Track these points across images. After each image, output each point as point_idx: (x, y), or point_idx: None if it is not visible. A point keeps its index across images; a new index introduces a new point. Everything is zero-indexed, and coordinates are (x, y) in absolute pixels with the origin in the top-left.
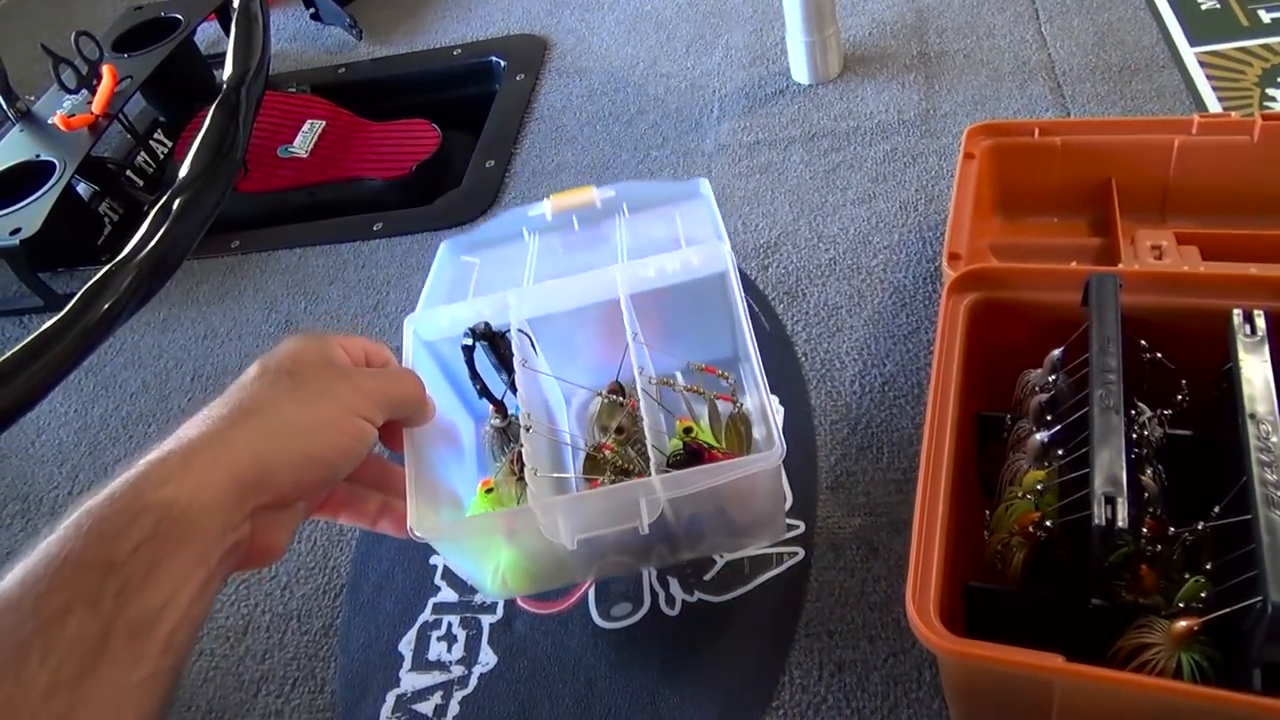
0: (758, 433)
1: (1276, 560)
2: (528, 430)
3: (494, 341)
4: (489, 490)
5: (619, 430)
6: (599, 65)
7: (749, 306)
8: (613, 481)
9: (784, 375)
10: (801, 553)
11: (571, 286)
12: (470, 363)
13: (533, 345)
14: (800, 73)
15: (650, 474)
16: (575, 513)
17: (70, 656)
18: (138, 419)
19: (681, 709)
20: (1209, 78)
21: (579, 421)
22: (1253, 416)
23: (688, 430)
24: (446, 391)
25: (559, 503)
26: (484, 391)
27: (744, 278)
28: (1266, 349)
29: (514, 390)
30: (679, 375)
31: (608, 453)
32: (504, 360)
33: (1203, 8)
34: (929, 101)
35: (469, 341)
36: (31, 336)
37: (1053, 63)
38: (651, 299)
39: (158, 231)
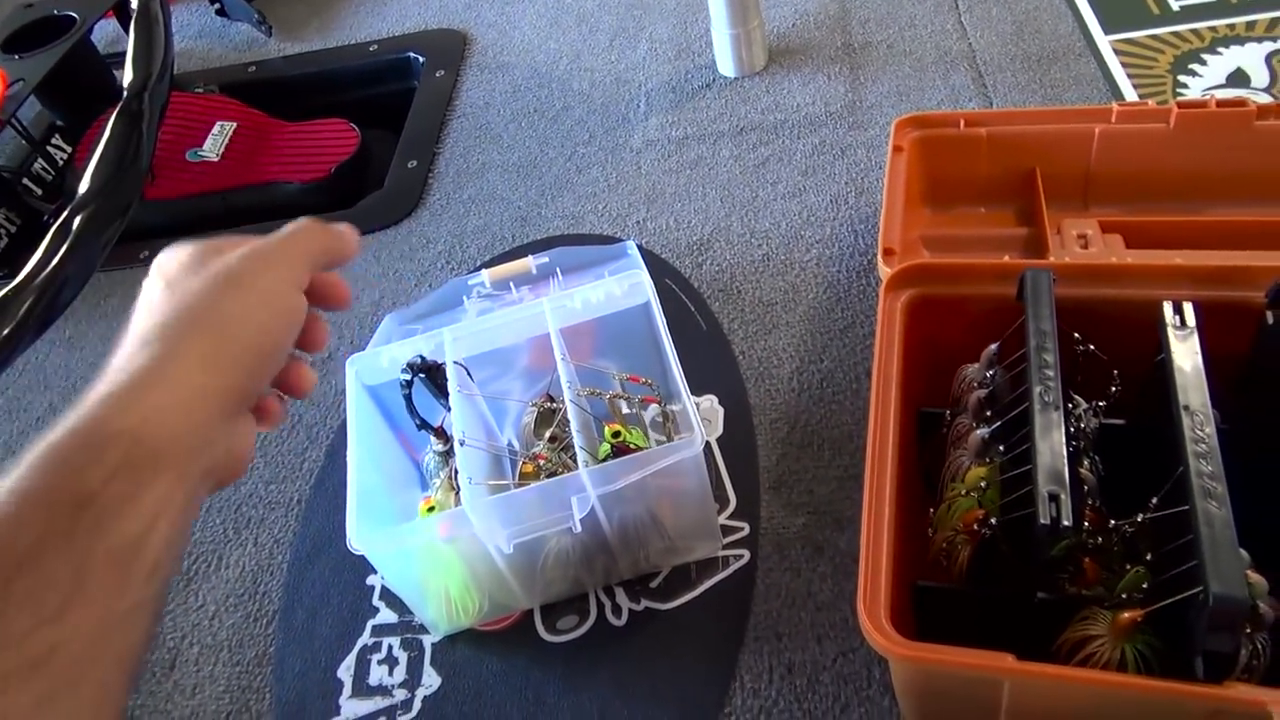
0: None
1: (1215, 551)
2: (461, 444)
3: (431, 373)
4: (430, 508)
5: (552, 439)
6: (521, 60)
7: (685, 304)
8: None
9: (721, 374)
10: (747, 555)
11: (502, 322)
12: (408, 398)
13: (469, 375)
14: (726, 66)
15: (576, 433)
16: (507, 510)
17: (50, 592)
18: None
19: None
20: (1124, 65)
21: (519, 437)
22: (1186, 408)
23: (616, 434)
24: (388, 433)
25: (491, 503)
26: (423, 425)
27: (678, 276)
28: (1196, 340)
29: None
30: (613, 382)
31: (541, 461)
32: (441, 389)
33: None
34: (855, 93)
35: (407, 376)
36: None
37: (974, 52)
38: (579, 328)
39: (57, 252)
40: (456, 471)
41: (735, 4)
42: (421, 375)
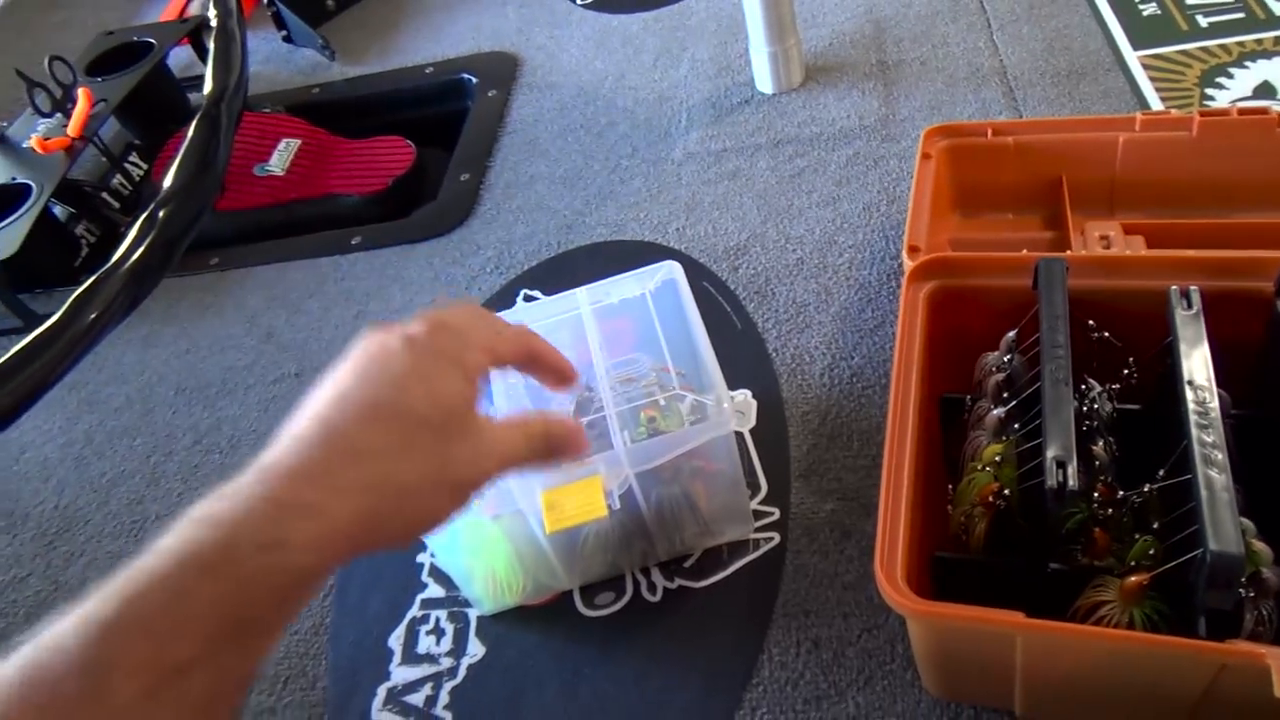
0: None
1: (1214, 512)
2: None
3: None
4: None
5: (590, 425)
6: (569, 80)
7: (721, 305)
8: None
9: (756, 370)
10: (777, 538)
11: (540, 315)
12: None
13: None
14: (764, 82)
15: (610, 416)
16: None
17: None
18: (122, 433)
19: (666, 690)
20: (1151, 79)
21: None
22: (1190, 383)
23: (650, 419)
24: None
25: (535, 487)
26: None
27: (715, 279)
28: (1202, 322)
29: None
30: (648, 372)
31: None
32: None
33: (1144, 14)
34: (888, 107)
35: None
36: (22, 343)
37: (1004, 68)
38: (619, 325)
39: (143, 241)
40: None
41: (772, 23)
42: None
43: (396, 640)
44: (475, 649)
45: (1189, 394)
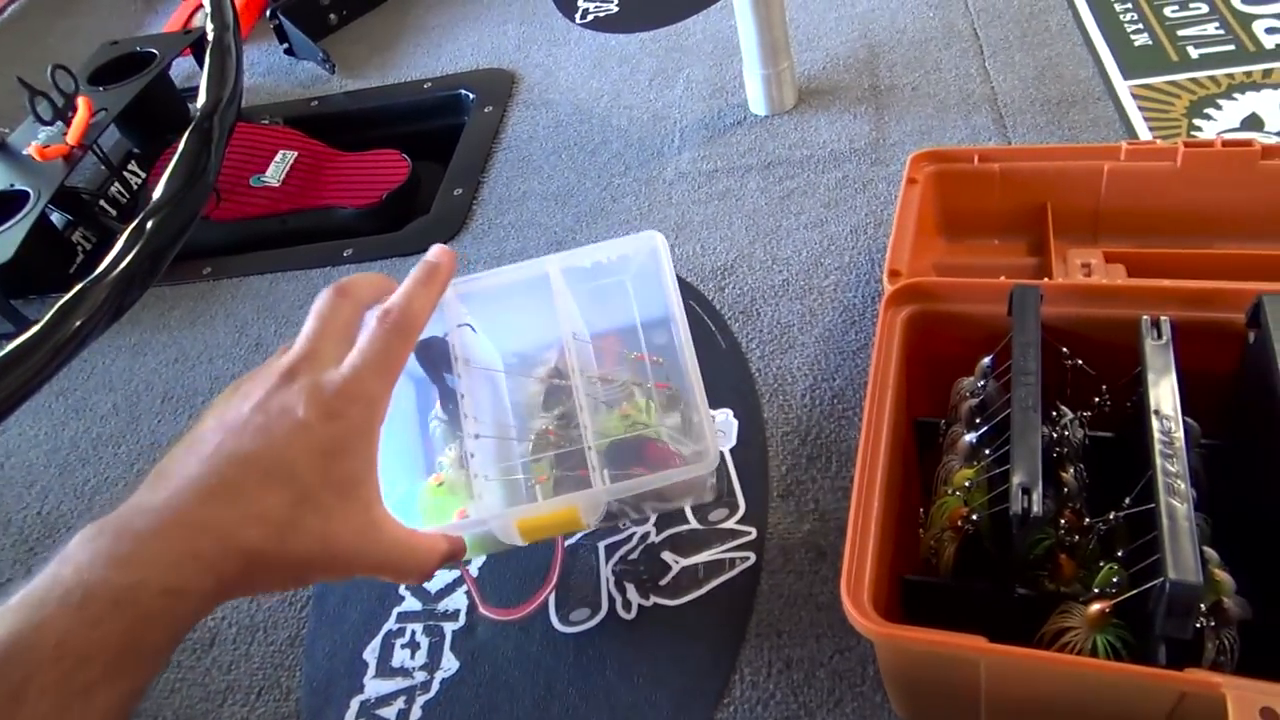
0: (692, 443)
1: (1175, 542)
2: (475, 438)
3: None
4: (440, 484)
5: (561, 416)
6: (565, 98)
7: (706, 324)
8: (554, 465)
9: (738, 389)
10: (753, 557)
11: (508, 280)
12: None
13: (472, 329)
14: (757, 104)
15: (589, 448)
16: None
17: None
18: (108, 440)
19: (637, 706)
20: (1141, 109)
21: (521, 407)
22: (1157, 413)
23: (626, 417)
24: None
25: (509, 515)
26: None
27: (701, 298)
28: (1171, 352)
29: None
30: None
31: (551, 437)
32: (436, 366)
33: (1136, 44)
34: (879, 131)
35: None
36: (8, 348)
37: (995, 95)
38: (587, 289)
39: (132, 249)
40: (468, 454)
41: (766, 46)
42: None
43: (371, 653)
44: (450, 663)
45: (1155, 423)
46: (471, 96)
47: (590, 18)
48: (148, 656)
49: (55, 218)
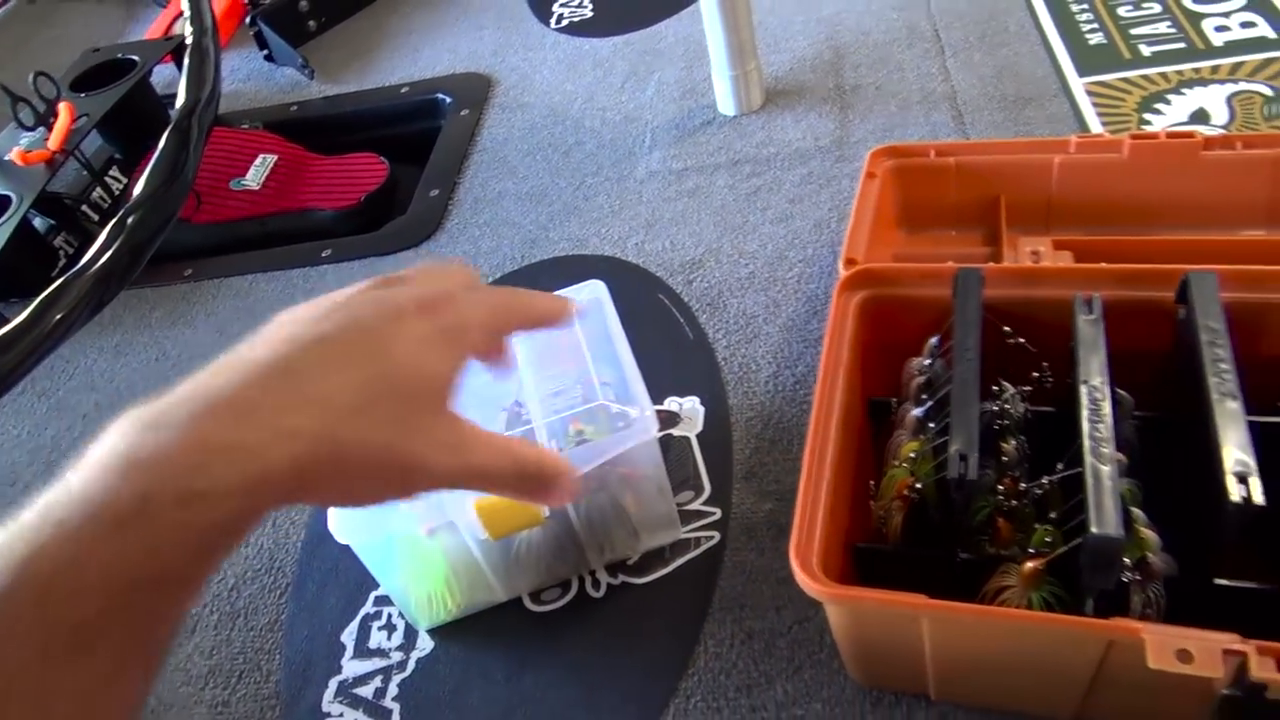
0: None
1: (1099, 500)
2: None
3: None
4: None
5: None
6: (540, 100)
7: (675, 317)
8: None
9: (704, 378)
10: (717, 536)
11: None
12: None
13: None
14: (726, 105)
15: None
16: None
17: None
18: (90, 439)
19: (606, 678)
20: (1094, 105)
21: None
22: (1085, 382)
23: (579, 432)
24: None
25: (466, 499)
26: None
27: (670, 292)
28: (1102, 327)
29: None
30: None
31: None
32: None
33: (1091, 42)
34: (843, 129)
35: None
36: None
37: (955, 93)
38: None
39: (111, 246)
40: None
41: (734, 48)
42: None
43: (349, 635)
44: (425, 643)
45: (1084, 392)
46: (448, 100)
47: (565, 22)
48: (164, 587)
49: (37, 222)
